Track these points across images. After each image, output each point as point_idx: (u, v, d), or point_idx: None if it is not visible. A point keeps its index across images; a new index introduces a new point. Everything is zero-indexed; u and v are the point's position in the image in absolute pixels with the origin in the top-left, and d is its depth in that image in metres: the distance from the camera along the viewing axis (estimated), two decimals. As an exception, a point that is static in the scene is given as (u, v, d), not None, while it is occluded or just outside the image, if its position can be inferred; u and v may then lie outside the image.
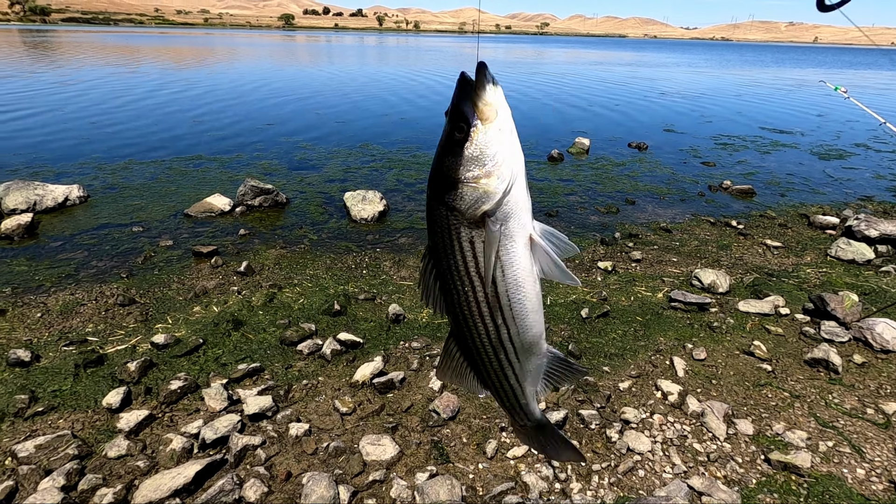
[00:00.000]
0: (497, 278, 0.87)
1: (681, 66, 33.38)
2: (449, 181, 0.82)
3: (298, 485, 2.15)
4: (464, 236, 0.85)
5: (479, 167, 0.82)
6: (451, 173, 0.82)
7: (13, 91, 14.07)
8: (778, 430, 2.53)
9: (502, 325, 0.91)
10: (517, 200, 0.85)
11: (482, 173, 0.82)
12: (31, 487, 2.12)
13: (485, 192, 0.82)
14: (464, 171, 0.82)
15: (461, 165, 0.82)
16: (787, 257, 4.86)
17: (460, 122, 0.81)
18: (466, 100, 0.81)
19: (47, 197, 5.45)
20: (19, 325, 3.41)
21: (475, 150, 0.81)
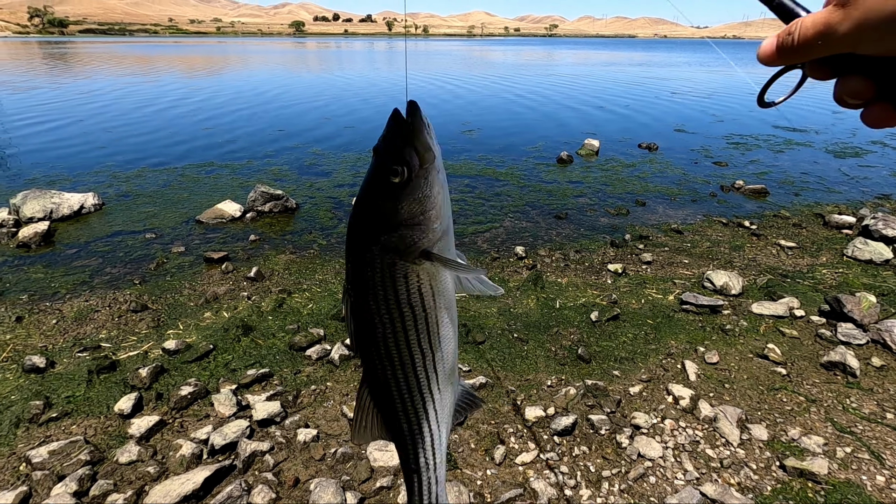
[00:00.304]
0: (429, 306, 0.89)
1: (692, 66, 33.06)
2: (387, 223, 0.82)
3: (306, 491, 2.15)
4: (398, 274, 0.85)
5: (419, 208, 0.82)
6: (389, 216, 0.82)
7: (32, 103, 14.41)
8: (793, 436, 2.47)
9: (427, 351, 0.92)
10: (448, 234, 0.88)
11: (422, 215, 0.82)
12: (44, 493, 2.15)
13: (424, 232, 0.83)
14: (404, 213, 0.82)
15: (401, 208, 0.81)
16: (802, 258, 4.77)
17: (400, 166, 0.80)
18: (405, 143, 0.81)
19: (63, 205, 5.56)
20: (35, 332, 3.48)
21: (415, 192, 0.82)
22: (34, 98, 15.27)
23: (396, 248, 0.83)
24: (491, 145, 9.46)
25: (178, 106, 13.89)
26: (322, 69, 29.44)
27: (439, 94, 17.05)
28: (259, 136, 10.11)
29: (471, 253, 4.87)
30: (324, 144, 9.37)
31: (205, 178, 7.17)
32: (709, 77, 25.03)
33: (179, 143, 9.41)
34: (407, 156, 0.80)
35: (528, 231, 5.47)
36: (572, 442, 2.46)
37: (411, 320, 0.88)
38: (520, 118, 12.51)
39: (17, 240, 4.89)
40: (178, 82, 20.53)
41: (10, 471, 2.29)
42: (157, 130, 10.52)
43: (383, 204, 0.81)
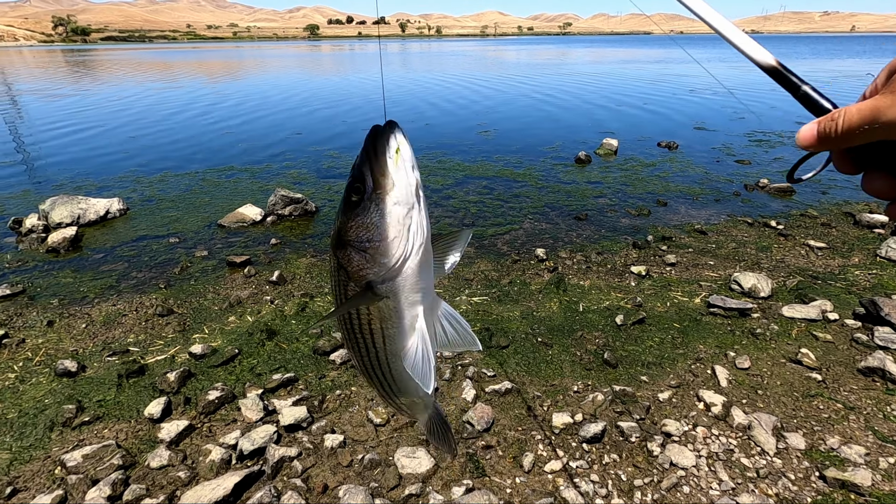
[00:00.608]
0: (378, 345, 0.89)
1: (712, 62, 32.48)
2: (340, 238, 0.81)
3: (335, 497, 2.15)
4: (349, 292, 0.85)
5: (367, 236, 0.79)
6: (342, 231, 0.81)
7: (58, 110, 14.78)
8: (832, 445, 2.39)
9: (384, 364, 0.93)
10: (406, 279, 0.82)
11: (369, 244, 0.79)
12: (79, 497, 2.18)
13: (369, 261, 0.80)
14: (353, 234, 0.80)
15: (351, 228, 0.80)
16: (833, 259, 4.64)
17: (357, 184, 0.78)
18: (366, 164, 0.77)
19: (90, 210, 5.68)
20: (66, 336, 3.55)
21: (366, 219, 0.79)
22: (59, 105, 15.67)
23: (344, 266, 0.82)
24: (507, 146, 9.41)
25: (198, 111, 14.12)
26: (337, 72, 29.66)
27: (453, 94, 17.03)
28: (277, 139, 10.22)
29: (491, 255, 4.84)
30: (341, 147, 9.43)
31: (225, 183, 7.26)
32: (728, 73, 24.57)
33: (200, 147, 9.56)
34: (364, 176, 0.77)
35: (548, 233, 5.42)
36: (602, 450, 2.41)
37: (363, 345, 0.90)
38: (536, 118, 12.43)
39: (47, 245, 5.01)
40: (197, 88, 20.87)
41: (46, 474, 2.33)
42: (178, 136, 10.70)
43: (341, 217, 0.81)
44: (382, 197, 0.77)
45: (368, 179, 0.77)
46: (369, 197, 0.78)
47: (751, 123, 11.38)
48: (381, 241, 0.79)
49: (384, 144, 0.76)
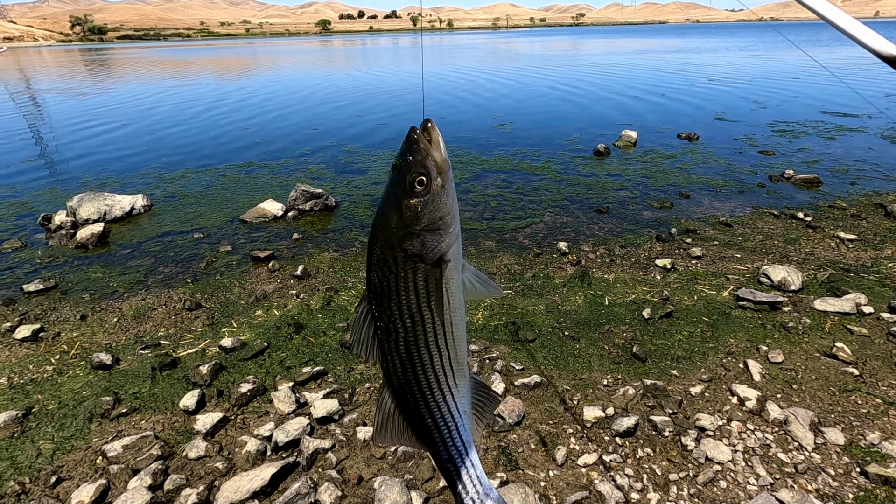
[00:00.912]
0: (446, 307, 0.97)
1: (731, 50, 31.83)
2: (408, 230, 0.90)
3: (370, 489, 2.17)
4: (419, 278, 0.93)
5: (438, 216, 0.91)
6: (411, 223, 0.90)
7: (79, 108, 15.04)
8: (873, 440, 2.35)
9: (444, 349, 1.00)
10: (459, 238, 0.96)
11: (441, 221, 0.91)
12: (121, 486, 2.23)
13: (441, 236, 0.91)
14: (424, 220, 0.90)
15: (422, 215, 0.89)
16: (865, 251, 4.53)
17: (420, 177, 0.89)
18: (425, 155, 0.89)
19: (115, 207, 5.78)
20: (99, 330, 3.63)
21: (435, 201, 0.90)
22: (80, 104, 15.94)
23: (419, 253, 0.91)
24: (525, 139, 9.34)
25: (215, 108, 14.25)
26: (351, 67, 29.69)
27: (468, 88, 16.95)
28: (294, 135, 10.28)
29: (512, 249, 4.82)
30: (358, 142, 9.45)
31: (245, 178, 7.33)
32: (748, 62, 24.05)
33: (218, 144, 9.66)
34: (427, 167, 0.89)
35: (570, 226, 5.38)
36: (635, 444, 2.40)
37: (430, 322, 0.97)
38: (552, 110, 12.31)
39: (76, 241, 5.11)
40: (212, 85, 21.06)
41: (88, 464, 2.39)
42: (196, 132, 10.83)
43: (406, 212, 0.89)
44: (445, 178, 0.90)
45: (432, 169, 0.89)
46: (435, 183, 0.89)
47: (772, 113, 11.13)
48: (449, 214, 0.92)
49: (437, 136, 0.90)
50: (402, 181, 0.89)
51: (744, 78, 17.63)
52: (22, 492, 2.24)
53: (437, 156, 0.90)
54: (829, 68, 18.11)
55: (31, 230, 5.52)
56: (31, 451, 2.47)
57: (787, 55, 26.84)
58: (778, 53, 28.10)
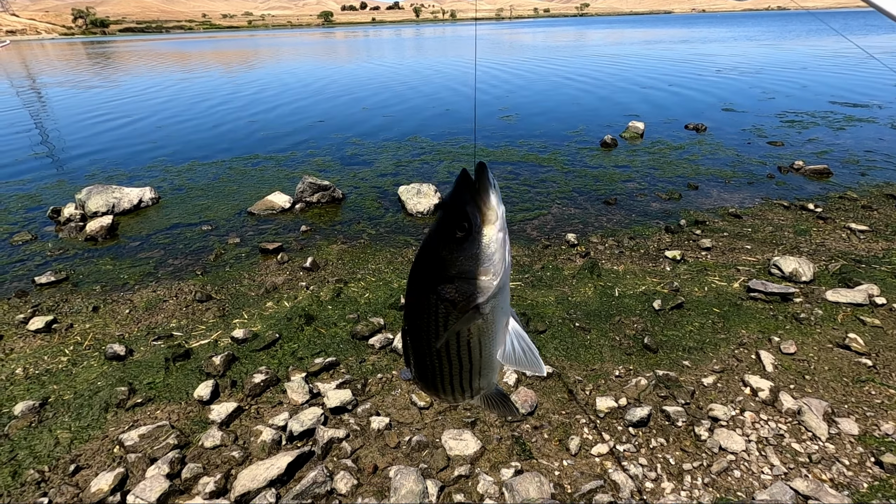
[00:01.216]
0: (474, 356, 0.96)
1: (738, 40, 31.49)
2: (444, 274, 0.87)
3: (386, 478, 2.18)
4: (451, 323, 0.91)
5: (477, 265, 0.86)
6: (448, 268, 0.87)
7: (83, 102, 15.05)
8: (887, 430, 2.34)
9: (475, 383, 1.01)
10: (504, 292, 0.92)
11: (479, 270, 0.87)
12: (139, 474, 2.26)
13: (479, 287, 0.88)
14: (462, 267, 0.86)
15: (459, 262, 0.86)
16: (876, 241, 4.50)
17: (463, 222, 0.84)
18: (471, 201, 0.84)
19: (124, 199, 5.79)
20: (111, 321, 3.65)
21: (475, 250, 0.86)
22: (85, 97, 15.95)
23: (451, 299, 0.88)
24: (531, 130, 9.29)
25: (220, 100, 14.23)
26: (355, 59, 29.54)
27: (472, 79, 16.84)
28: (299, 127, 10.26)
29: (521, 240, 4.81)
30: (364, 134, 9.42)
31: (252, 171, 7.33)
32: (755, 52, 23.79)
33: (224, 136, 9.65)
34: (470, 214, 0.84)
35: (578, 217, 5.36)
36: (648, 434, 2.40)
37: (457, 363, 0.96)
38: (558, 102, 12.23)
39: (85, 233, 5.13)
40: (216, 78, 21.01)
41: (106, 453, 2.42)
42: (202, 125, 10.82)
43: (443, 256, 0.87)
44: (489, 229, 0.86)
45: (476, 216, 0.85)
46: (477, 231, 0.85)
47: (781, 103, 11.02)
48: (491, 266, 0.87)
49: (486, 183, 0.85)
50: (444, 221, 0.86)
51: (752, 68, 17.45)
52: (41, 480, 2.26)
53: (484, 204, 0.85)
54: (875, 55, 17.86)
55: (40, 223, 5.55)
56: (49, 440, 2.50)
57: (795, 45, 26.51)
58: (786, 43, 27.76)
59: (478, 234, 0.85)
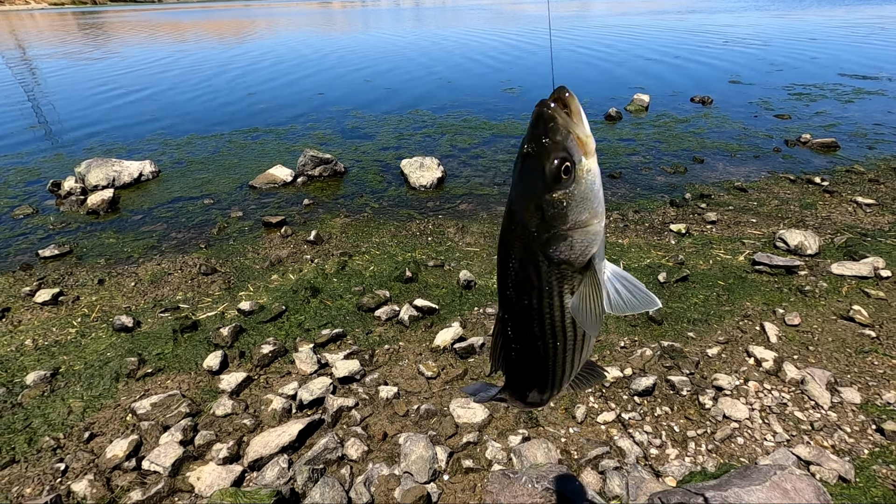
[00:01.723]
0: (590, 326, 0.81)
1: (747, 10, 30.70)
2: (554, 232, 0.72)
3: (396, 444, 2.22)
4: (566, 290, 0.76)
5: (588, 208, 0.73)
6: (557, 222, 0.72)
7: (78, 74, 14.76)
8: (889, 399, 2.38)
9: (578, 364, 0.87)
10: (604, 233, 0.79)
11: (591, 214, 0.73)
12: (153, 441, 2.30)
13: (594, 233, 0.74)
14: (575, 217, 0.72)
15: (571, 211, 0.72)
16: (882, 215, 4.48)
17: (564, 163, 0.70)
18: (567, 133, 0.70)
19: (124, 173, 5.74)
20: (117, 294, 3.66)
21: (584, 191, 0.72)
22: (80, 70, 15.63)
23: (567, 259, 0.73)
24: (534, 103, 9.13)
25: (217, 72, 13.95)
26: (353, 31, 28.86)
27: (473, 51, 16.48)
28: (299, 100, 10.09)
29: (525, 214, 4.79)
30: (365, 107, 9.27)
31: (252, 144, 7.24)
32: (764, 22, 23.22)
33: (223, 109, 9.50)
34: (570, 149, 0.70)
35: (582, 191, 5.32)
36: (653, 402, 2.44)
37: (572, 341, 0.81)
38: (562, 74, 11.99)
39: (87, 207, 5.10)
40: (212, 49, 20.56)
41: (119, 421, 2.46)
42: (200, 97, 10.63)
43: (548, 210, 0.71)
44: (592, 161, 0.72)
45: (575, 149, 0.71)
46: (580, 166, 0.71)
47: (789, 76, 10.81)
48: (597, 204, 0.74)
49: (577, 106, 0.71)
50: (541, 171, 0.71)
51: (759, 39, 17.06)
52: (57, 446, 2.31)
53: (581, 131, 0.72)
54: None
55: (41, 196, 5.51)
56: (63, 408, 2.53)
57: (805, 15, 25.86)
58: (794, 13, 27.08)
59: (582, 171, 0.72)
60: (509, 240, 0.77)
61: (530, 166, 0.72)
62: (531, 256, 0.75)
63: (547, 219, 0.73)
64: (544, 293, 0.76)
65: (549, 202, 0.72)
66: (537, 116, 0.72)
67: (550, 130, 0.70)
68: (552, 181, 0.71)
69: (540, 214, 0.73)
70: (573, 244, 0.73)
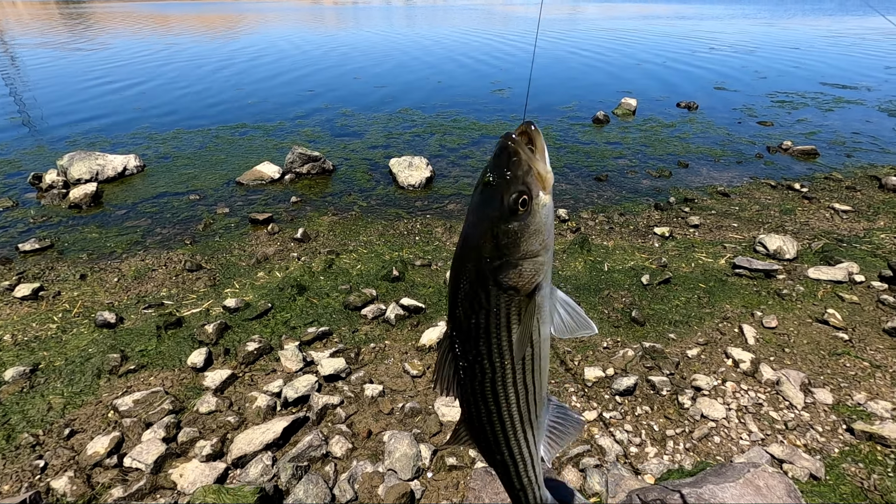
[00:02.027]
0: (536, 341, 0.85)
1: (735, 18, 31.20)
2: (506, 261, 0.75)
3: (380, 442, 2.24)
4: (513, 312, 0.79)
5: (540, 240, 0.77)
6: (510, 251, 0.75)
7: (62, 66, 14.47)
8: (859, 400, 2.46)
9: (530, 385, 0.88)
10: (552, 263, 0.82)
11: (541, 246, 0.77)
12: (135, 438, 2.28)
13: (542, 263, 0.77)
14: (526, 247, 0.76)
15: (523, 241, 0.75)
16: (858, 222, 4.61)
17: (522, 196, 0.73)
18: (528, 169, 0.73)
19: (108, 167, 5.65)
20: (100, 289, 3.62)
21: (538, 224, 0.76)
22: (64, 61, 15.32)
23: (515, 286, 0.76)
24: (523, 105, 9.20)
25: (205, 67, 13.79)
26: (344, 29, 28.72)
27: (463, 52, 16.52)
28: (288, 97, 10.01)
29: (512, 215, 4.83)
30: (354, 105, 9.25)
31: (239, 140, 7.18)
32: (750, 30, 23.64)
33: (210, 104, 9.39)
34: (529, 184, 0.73)
35: (569, 193, 5.39)
36: (634, 402, 2.49)
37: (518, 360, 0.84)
38: (551, 77, 12.09)
39: (69, 200, 5.02)
40: (200, 44, 20.30)
41: (100, 417, 2.43)
42: (187, 92, 10.50)
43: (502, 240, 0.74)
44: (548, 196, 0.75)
45: (534, 184, 0.73)
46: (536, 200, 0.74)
47: (772, 83, 11.04)
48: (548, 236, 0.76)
49: (541, 142, 0.73)
50: (499, 202, 0.73)
51: (745, 47, 17.36)
52: (36, 443, 2.28)
53: (542, 168, 0.74)
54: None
55: (21, 189, 5.40)
56: (42, 405, 2.50)
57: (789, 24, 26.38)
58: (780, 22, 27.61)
59: (539, 205, 0.75)
60: (462, 262, 0.79)
61: (490, 195, 0.75)
62: (482, 280, 0.77)
63: (500, 247, 0.75)
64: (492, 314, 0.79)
65: (504, 232, 0.75)
66: (501, 148, 0.74)
67: (513, 164, 0.73)
68: (509, 213, 0.74)
69: (494, 242, 0.75)
70: (522, 272, 0.76)
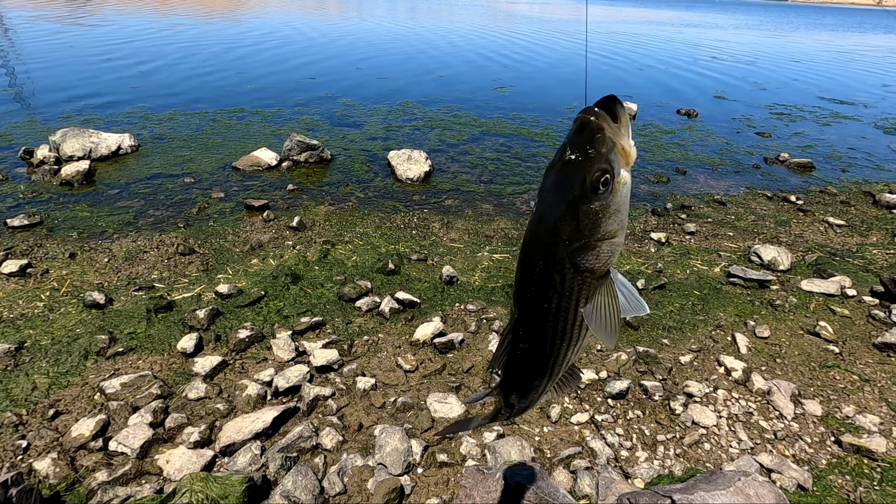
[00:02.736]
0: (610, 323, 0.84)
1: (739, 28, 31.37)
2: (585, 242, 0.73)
3: (371, 436, 2.22)
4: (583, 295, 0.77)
5: (619, 220, 0.74)
6: (590, 233, 0.72)
7: (59, 41, 14.20)
8: (848, 413, 2.48)
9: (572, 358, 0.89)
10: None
11: (619, 226, 0.74)
12: (121, 422, 2.24)
13: (618, 244, 0.75)
14: (606, 228, 0.73)
15: (604, 222, 0.72)
16: (851, 236, 4.65)
17: (605, 175, 0.69)
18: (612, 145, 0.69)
19: (101, 145, 5.55)
20: (89, 269, 3.55)
21: (618, 203, 0.73)
22: (61, 36, 15.03)
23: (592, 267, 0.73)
24: (524, 104, 9.18)
25: (205, 49, 13.60)
26: (347, 18, 28.47)
27: (466, 49, 16.45)
28: (288, 83, 9.90)
29: (510, 213, 4.82)
30: (354, 95, 9.17)
31: (237, 125, 7.08)
32: (754, 42, 23.78)
33: (209, 87, 9.26)
34: (613, 162, 0.69)
35: (567, 194, 5.38)
36: (626, 406, 2.49)
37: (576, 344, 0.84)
38: (553, 77, 12.08)
39: (60, 177, 4.92)
40: (199, 25, 20.01)
41: (86, 399, 2.39)
42: (185, 73, 10.34)
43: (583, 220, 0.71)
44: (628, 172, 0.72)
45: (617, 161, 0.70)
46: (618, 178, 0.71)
47: (772, 95, 11.11)
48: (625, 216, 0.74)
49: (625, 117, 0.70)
50: (581, 181, 0.70)
51: (747, 57, 17.46)
52: (19, 423, 2.23)
53: (626, 143, 0.71)
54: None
55: (11, 163, 5.29)
56: (27, 384, 2.45)
57: (793, 37, 26.57)
58: (784, 34, 27.81)
59: (620, 184, 0.71)
60: (536, 244, 0.77)
61: (570, 174, 0.71)
62: (557, 262, 0.75)
63: (581, 228, 0.72)
64: (564, 297, 0.77)
65: (585, 212, 0.72)
66: (583, 124, 0.70)
67: (597, 141, 0.69)
68: (591, 192, 0.71)
69: (574, 224, 0.72)
70: (599, 254, 0.74)
